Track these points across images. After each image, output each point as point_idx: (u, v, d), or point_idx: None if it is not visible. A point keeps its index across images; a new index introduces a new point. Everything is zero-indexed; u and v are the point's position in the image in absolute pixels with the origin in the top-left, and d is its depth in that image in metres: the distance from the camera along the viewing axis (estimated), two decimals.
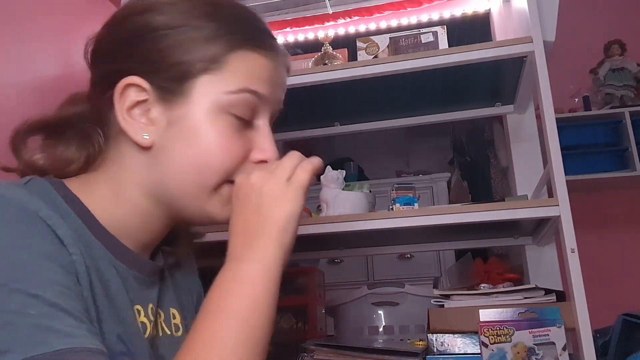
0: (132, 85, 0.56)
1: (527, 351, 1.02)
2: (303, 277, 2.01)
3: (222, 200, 0.58)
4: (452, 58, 1.25)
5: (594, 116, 2.53)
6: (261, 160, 0.59)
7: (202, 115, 0.55)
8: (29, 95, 1.30)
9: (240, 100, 0.56)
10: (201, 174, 0.56)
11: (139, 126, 0.56)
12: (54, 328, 0.40)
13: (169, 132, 0.56)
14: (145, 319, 0.58)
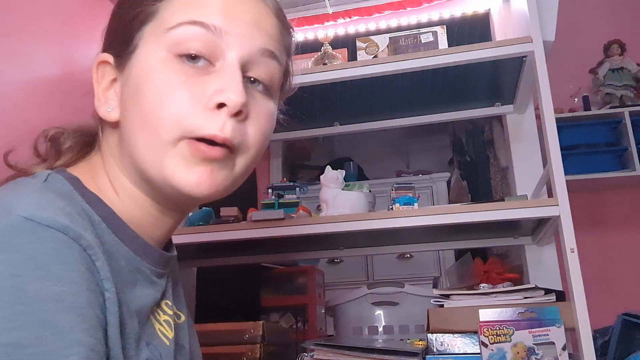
0: (103, 63, 0.53)
1: (526, 351, 1.02)
2: (303, 276, 2.01)
3: (183, 161, 0.48)
4: (452, 58, 1.25)
5: (594, 116, 2.53)
6: (219, 103, 0.48)
7: (148, 66, 0.49)
8: (29, 95, 1.30)
9: (182, 35, 0.48)
10: (149, 130, 0.48)
11: (108, 103, 0.52)
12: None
13: (124, 97, 0.51)
14: (167, 316, 0.56)
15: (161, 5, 0.50)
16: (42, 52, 1.37)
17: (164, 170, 0.48)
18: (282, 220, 1.24)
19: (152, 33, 0.50)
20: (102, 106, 0.53)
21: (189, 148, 0.48)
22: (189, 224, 1.34)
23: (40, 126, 1.31)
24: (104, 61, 0.53)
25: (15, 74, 1.28)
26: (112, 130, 0.54)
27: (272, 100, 0.56)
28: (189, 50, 0.48)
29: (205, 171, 0.49)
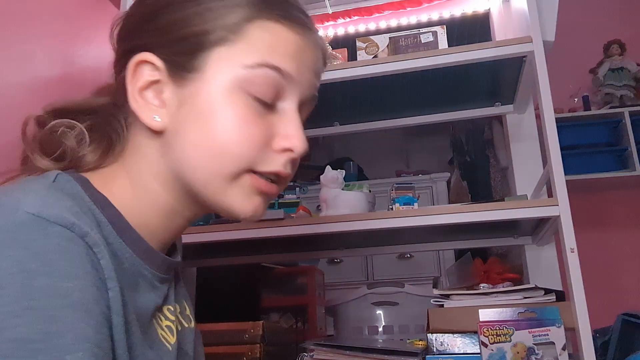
0: (145, 63, 0.51)
1: (526, 351, 1.02)
2: (303, 277, 2.01)
3: (243, 192, 0.51)
4: (452, 58, 1.25)
5: (594, 116, 2.53)
6: (286, 149, 0.51)
7: (217, 93, 0.49)
8: (29, 95, 1.30)
9: (259, 76, 0.49)
10: (217, 160, 0.49)
11: (151, 108, 0.51)
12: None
13: (181, 113, 0.50)
14: (169, 322, 0.55)
15: (240, 35, 0.49)
16: (42, 52, 1.37)
17: (225, 198, 0.51)
18: (282, 220, 1.24)
19: (225, 60, 0.49)
20: (145, 111, 0.51)
21: (252, 182, 0.51)
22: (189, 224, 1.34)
23: None
24: (150, 62, 0.51)
25: (15, 74, 1.28)
26: (151, 136, 0.52)
27: None
28: (263, 95, 0.50)
29: (261, 202, 0.52)
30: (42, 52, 1.37)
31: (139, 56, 0.51)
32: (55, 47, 1.43)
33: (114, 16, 0.57)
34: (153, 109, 0.51)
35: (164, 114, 0.50)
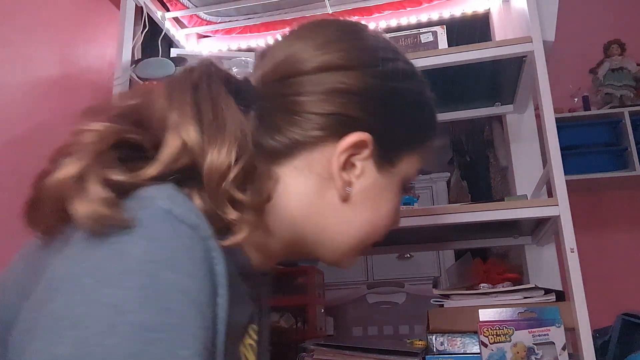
0: (363, 141, 0.53)
1: (526, 351, 1.02)
2: (303, 276, 2.01)
3: (357, 255, 0.60)
4: (452, 58, 1.25)
5: (594, 116, 2.53)
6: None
7: (395, 186, 0.58)
8: (29, 95, 1.31)
9: (413, 177, 0.61)
10: (368, 234, 0.57)
11: (346, 179, 0.54)
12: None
13: (366, 192, 0.55)
14: (252, 340, 0.55)
15: (426, 146, 0.60)
16: (42, 52, 1.37)
17: (343, 258, 0.58)
18: None
19: (409, 163, 0.58)
20: (343, 178, 0.54)
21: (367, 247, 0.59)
22: None
23: (40, 126, 1.31)
24: (369, 142, 0.54)
25: (15, 74, 1.28)
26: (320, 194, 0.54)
27: None
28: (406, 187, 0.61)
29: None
30: (42, 52, 1.37)
31: (364, 135, 0.53)
32: (55, 47, 1.43)
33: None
34: (347, 180, 0.54)
35: (354, 187, 0.55)
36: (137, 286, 0.37)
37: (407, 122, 0.57)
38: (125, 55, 1.46)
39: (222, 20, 1.87)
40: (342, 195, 0.54)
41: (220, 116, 0.48)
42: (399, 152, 0.57)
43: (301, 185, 0.54)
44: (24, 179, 1.23)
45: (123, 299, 0.36)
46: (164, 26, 1.73)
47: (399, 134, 0.56)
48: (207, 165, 0.45)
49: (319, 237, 0.56)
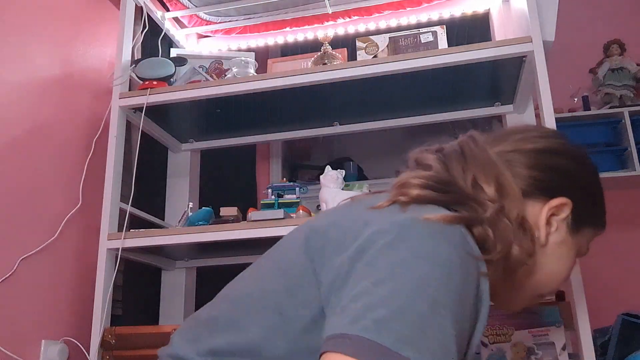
0: (565, 206, 0.69)
1: (526, 351, 1.02)
2: None
3: (526, 304, 0.75)
4: (452, 58, 1.25)
5: (593, 116, 2.53)
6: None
7: (574, 249, 0.72)
8: (29, 95, 1.30)
9: (583, 252, 0.75)
10: (550, 284, 0.72)
11: (546, 229, 0.69)
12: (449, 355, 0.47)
13: (557, 246, 0.70)
14: None
15: (600, 227, 0.76)
16: (42, 52, 1.37)
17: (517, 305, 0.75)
18: (282, 220, 1.24)
19: (587, 235, 0.73)
20: (544, 231, 0.68)
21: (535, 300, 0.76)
22: (189, 224, 1.34)
23: (40, 126, 1.31)
24: (565, 204, 0.69)
25: (15, 74, 1.28)
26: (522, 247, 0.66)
27: None
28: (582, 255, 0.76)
29: None
30: (42, 52, 1.37)
31: (567, 200, 0.69)
32: (55, 47, 1.42)
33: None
34: (548, 231, 0.69)
35: (550, 238, 0.69)
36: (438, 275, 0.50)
37: (594, 203, 0.74)
38: (125, 55, 1.46)
39: (222, 20, 1.87)
40: (542, 240, 0.68)
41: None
42: (584, 223, 0.72)
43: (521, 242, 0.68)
44: (24, 179, 1.23)
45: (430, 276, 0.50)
46: (164, 26, 1.73)
47: (588, 210, 0.73)
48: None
49: (515, 277, 0.67)
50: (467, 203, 0.62)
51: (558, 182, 0.71)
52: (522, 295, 0.72)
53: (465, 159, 0.67)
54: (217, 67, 1.68)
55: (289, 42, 1.93)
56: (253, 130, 1.71)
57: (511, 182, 0.65)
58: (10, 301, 1.17)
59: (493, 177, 0.65)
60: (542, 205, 0.68)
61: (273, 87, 1.35)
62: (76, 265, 1.37)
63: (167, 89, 1.43)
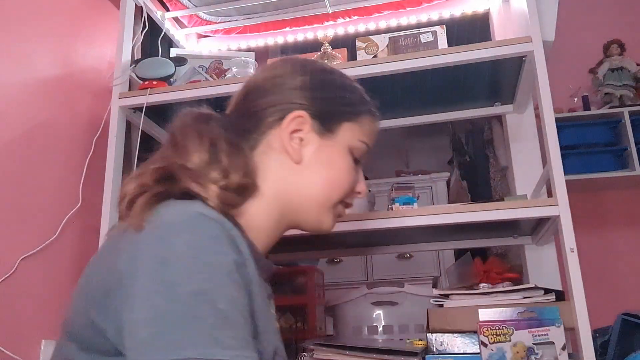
0: (299, 117, 0.72)
1: (526, 351, 1.02)
2: (302, 276, 2.01)
3: (333, 215, 0.75)
4: (452, 58, 1.26)
5: (593, 116, 2.53)
6: (358, 192, 0.78)
7: (340, 149, 0.74)
8: (29, 95, 1.30)
9: (361, 148, 0.76)
10: (331, 190, 0.73)
11: (295, 146, 0.72)
12: (220, 339, 0.49)
13: (316, 155, 0.73)
14: (273, 311, 0.73)
15: (359, 119, 0.77)
16: (42, 52, 1.37)
17: (322, 218, 0.74)
18: None
19: (350, 132, 0.75)
20: (292, 148, 0.71)
21: (341, 209, 0.77)
22: None
23: (40, 126, 1.32)
24: (306, 120, 0.72)
25: (15, 74, 1.28)
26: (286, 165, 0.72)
27: None
28: (357, 157, 0.76)
29: (336, 220, 0.77)
30: (42, 52, 1.37)
31: (297, 112, 0.72)
32: (55, 47, 1.42)
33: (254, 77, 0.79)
34: (295, 149, 0.72)
35: (303, 152, 0.72)
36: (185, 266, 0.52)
37: (333, 98, 0.76)
38: (125, 55, 1.46)
39: (222, 20, 1.87)
40: (298, 159, 0.71)
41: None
42: (334, 121, 0.74)
43: (271, 164, 0.72)
44: (23, 179, 1.24)
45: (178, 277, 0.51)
46: (164, 26, 1.73)
47: (330, 107, 0.75)
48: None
49: (296, 203, 0.72)
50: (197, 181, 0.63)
51: (281, 101, 0.73)
52: (318, 212, 0.73)
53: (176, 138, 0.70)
54: (217, 67, 1.68)
55: (288, 42, 1.93)
56: None
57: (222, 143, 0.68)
58: (10, 301, 1.17)
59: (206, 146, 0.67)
60: (279, 130, 0.71)
61: None
62: (76, 265, 1.37)
63: (167, 88, 1.43)
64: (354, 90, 0.81)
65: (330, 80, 0.79)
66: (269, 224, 0.71)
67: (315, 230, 0.75)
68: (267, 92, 0.75)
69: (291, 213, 0.73)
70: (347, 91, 0.79)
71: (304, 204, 0.73)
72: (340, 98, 0.77)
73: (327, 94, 0.76)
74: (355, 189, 0.78)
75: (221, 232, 0.57)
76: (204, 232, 0.55)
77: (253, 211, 0.69)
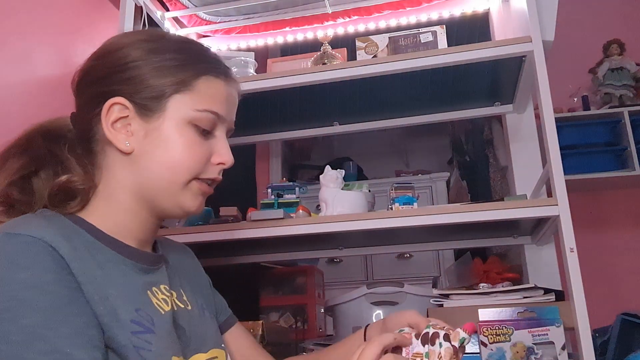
0: (117, 104, 0.68)
1: (526, 350, 1.02)
2: (302, 276, 2.01)
3: (192, 194, 0.71)
4: (451, 58, 1.26)
5: (593, 116, 2.53)
6: (220, 162, 0.73)
7: (173, 127, 0.69)
8: (29, 95, 1.30)
9: (204, 117, 0.70)
10: (173, 173, 0.69)
11: (122, 136, 0.69)
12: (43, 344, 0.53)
13: (147, 140, 0.69)
14: (164, 296, 0.71)
15: (191, 87, 0.70)
16: (41, 52, 1.37)
17: (178, 199, 0.70)
18: (281, 220, 1.24)
19: (183, 103, 0.69)
20: (117, 136, 0.68)
21: (198, 186, 0.71)
22: (189, 224, 1.34)
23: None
24: (122, 104, 0.68)
25: (15, 74, 1.28)
26: (122, 157, 0.70)
27: None
28: (205, 128, 0.71)
29: (202, 200, 0.73)
30: (42, 52, 1.37)
31: (112, 100, 0.68)
32: (55, 47, 1.42)
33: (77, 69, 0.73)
34: (124, 137, 0.69)
35: (132, 141, 0.69)
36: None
37: (153, 78, 0.69)
38: None
39: (222, 20, 1.87)
40: (126, 149, 0.68)
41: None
42: (157, 100, 0.69)
43: (110, 160, 0.71)
44: None
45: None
46: (164, 26, 1.73)
47: (142, 88, 0.69)
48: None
49: (146, 194, 0.70)
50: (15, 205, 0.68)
51: (97, 90, 0.70)
52: (171, 196, 0.70)
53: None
54: None
55: (288, 42, 1.93)
56: (253, 129, 1.71)
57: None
58: None
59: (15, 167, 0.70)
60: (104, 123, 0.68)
61: (273, 86, 1.35)
62: None
63: None
64: (179, 57, 0.71)
65: (148, 53, 0.70)
66: (130, 217, 0.70)
67: (182, 213, 0.72)
68: (87, 81, 0.71)
69: (147, 203, 0.71)
70: (170, 60, 0.70)
71: (153, 192, 0.70)
72: (158, 72, 0.69)
73: (143, 72, 0.69)
74: (213, 161, 0.73)
75: (26, 245, 0.58)
76: (5, 252, 0.57)
77: (105, 210, 0.69)
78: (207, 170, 0.72)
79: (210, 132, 0.72)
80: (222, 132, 0.74)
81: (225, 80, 0.74)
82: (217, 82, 0.72)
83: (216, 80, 0.72)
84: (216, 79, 0.72)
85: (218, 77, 0.73)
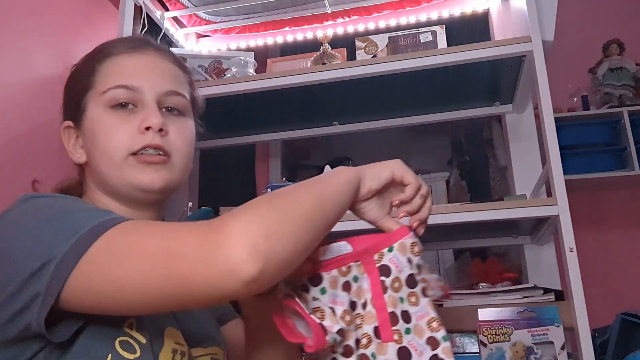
0: (68, 127, 0.77)
1: (525, 350, 1.02)
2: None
3: (135, 169, 0.72)
4: (451, 57, 1.26)
5: (593, 115, 2.53)
6: (146, 127, 0.72)
7: (94, 119, 0.73)
8: (29, 95, 1.30)
9: (113, 94, 0.73)
10: (108, 157, 0.72)
11: (75, 153, 0.77)
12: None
13: (87, 144, 0.75)
14: None
15: (95, 75, 0.74)
16: (41, 52, 1.37)
17: (124, 177, 0.72)
18: None
19: (94, 94, 0.74)
20: (74, 156, 0.76)
21: (135, 159, 0.72)
22: None
23: (40, 126, 1.31)
24: (67, 126, 0.77)
25: (14, 73, 1.28)
26: (88, 169, 0.77)
27: (187, 118, 0.80)
28: (118, 102, 0.73)
29: (152, 171, 0.72)
30: (41, 52, 1.37)
31: (63, 124, 0.77)
32: (55, 47, 1.42)
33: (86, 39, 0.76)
34: (76, 153, 0.77)
35: (82, 152, 0.76)
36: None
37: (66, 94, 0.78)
38: None
39: (222, 20, 1.87)
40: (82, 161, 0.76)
41: None
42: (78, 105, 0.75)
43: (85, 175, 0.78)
44: (23, 179, 1.23)
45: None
46: (163, 26, 1.73)
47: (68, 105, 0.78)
48: None
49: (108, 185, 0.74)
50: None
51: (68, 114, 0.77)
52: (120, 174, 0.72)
53: None
54: (216, 66, 1.68)
55: (288, 42, 1.93)
56: (252, 129, 1.71)
57: None
58: None
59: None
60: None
61: (272, 86, 1.35)
62: None
63: None
64: (82, 63, 0.78)
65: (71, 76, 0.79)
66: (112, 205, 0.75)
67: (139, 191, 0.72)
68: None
69: (115, 194, 0.74)
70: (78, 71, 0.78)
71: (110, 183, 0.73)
72: (72, 85, 0.77)
73: (66, 92, 0.79)
74: (140, 129, 0.72)
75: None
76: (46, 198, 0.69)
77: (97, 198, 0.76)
78: (137, 141, 0.72)
79: (134, 105, 0.73)
80: (150, 100, 0.74)
81: (130, 52, 0.76)
82: (119, 59, 0.75)
83: (118, 57, 0.75)
84: (117, 57, 0.75)
85: (120, 54, 0.75)
